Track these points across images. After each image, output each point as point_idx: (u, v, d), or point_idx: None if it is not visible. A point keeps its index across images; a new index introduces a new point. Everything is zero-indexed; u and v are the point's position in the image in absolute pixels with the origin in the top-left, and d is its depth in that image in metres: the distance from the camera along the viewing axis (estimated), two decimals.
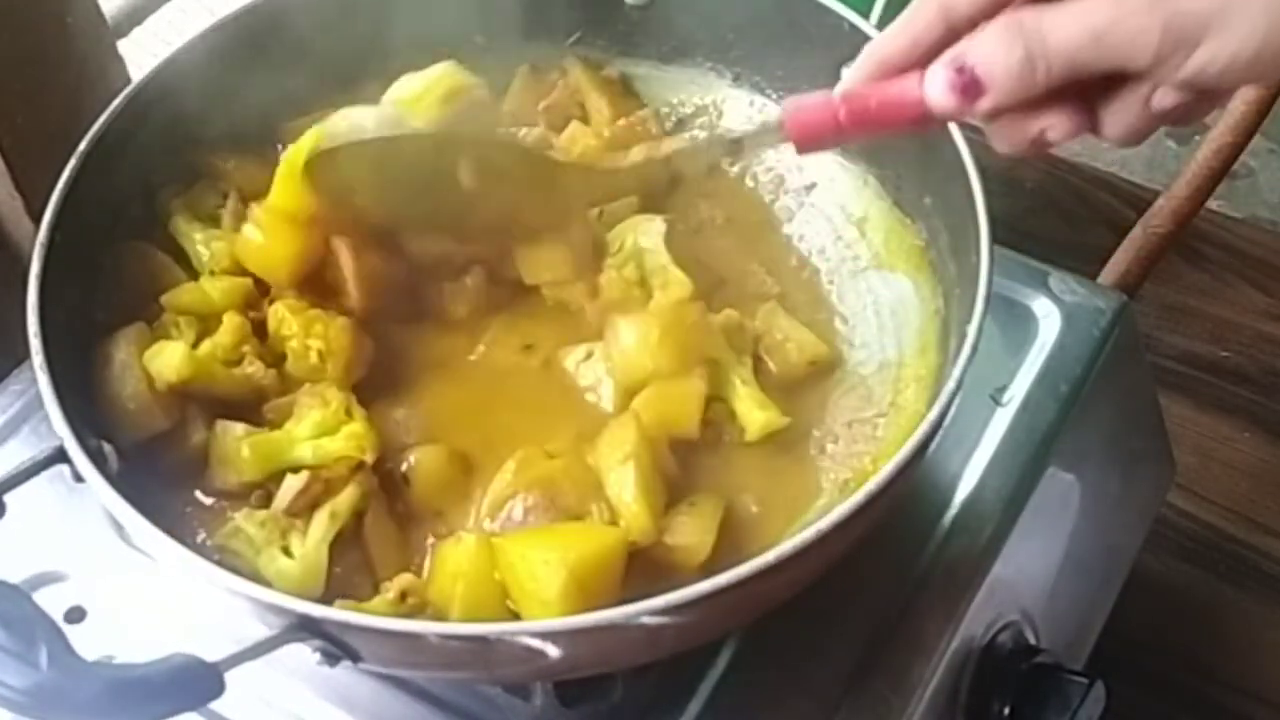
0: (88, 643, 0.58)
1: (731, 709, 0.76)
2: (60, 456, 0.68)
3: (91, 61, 1.00)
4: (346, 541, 0.73)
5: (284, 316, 0.79)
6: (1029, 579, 0.89)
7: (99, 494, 0.66)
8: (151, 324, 0.80)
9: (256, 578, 0.70)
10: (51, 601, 0.60)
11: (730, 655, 0.77)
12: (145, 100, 0.82)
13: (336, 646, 0.64)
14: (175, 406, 0.76)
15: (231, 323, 0.79)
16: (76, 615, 0.80)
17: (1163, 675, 1.13)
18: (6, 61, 0.93)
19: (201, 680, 0.58)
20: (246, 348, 0.79)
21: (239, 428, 0.75)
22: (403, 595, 0.71)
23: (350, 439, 0.74)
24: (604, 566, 0.69)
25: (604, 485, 0.73)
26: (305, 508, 0.73)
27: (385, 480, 0.76)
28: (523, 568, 0.69)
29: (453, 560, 0.71)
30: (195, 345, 0.78)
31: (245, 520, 0.72)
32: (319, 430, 0.75)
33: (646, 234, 0.83)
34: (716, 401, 0.78)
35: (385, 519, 0.75)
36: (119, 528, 0.83)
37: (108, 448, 0.71)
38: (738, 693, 0.77)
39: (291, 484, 0.73)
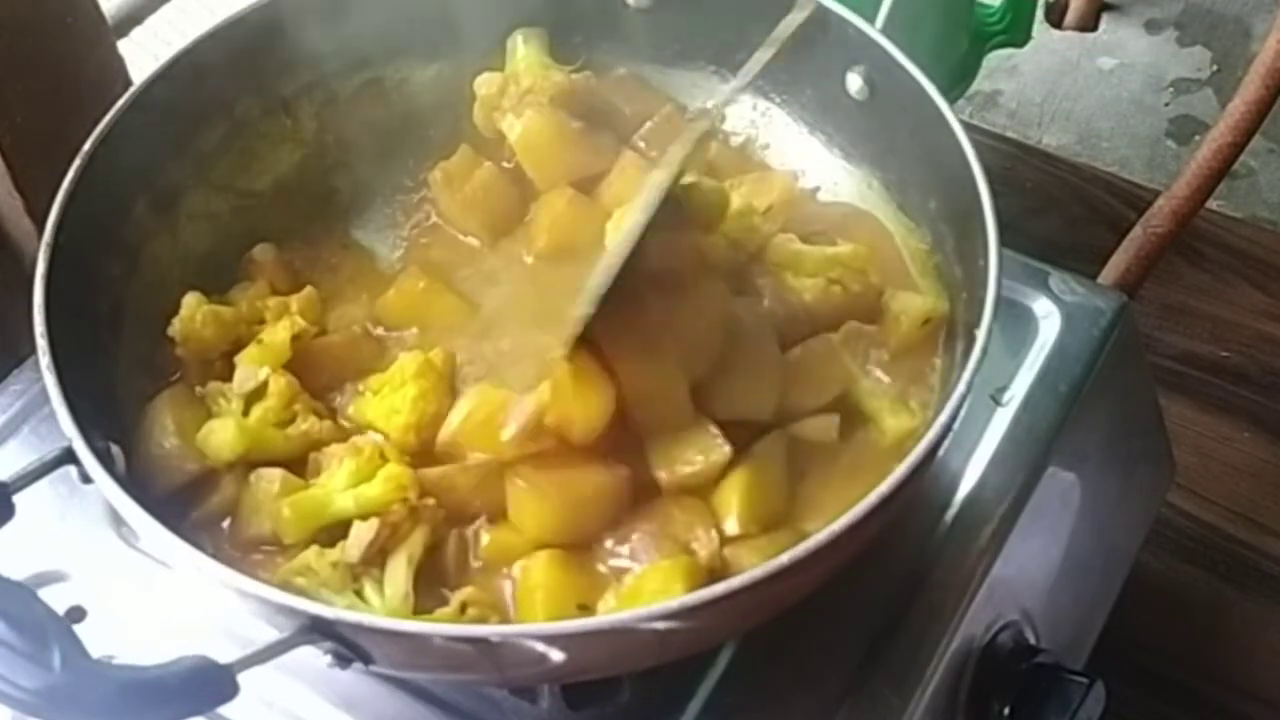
0: (88, 643, 0.58)
1: (732, 709, 0.76)
2: (68, 458, 0.67)
3: (91, 61, 1.00)
4: (420, 568, 0.73)
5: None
6: (1029, 579, 0.89)
7: (108, 495, 0.66)
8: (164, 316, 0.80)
9: None
10: (52, 601, 0.59)
11: (731, 656, 0.77)
12: (150, 99, 0.81)
13: (348, 648, 0.63)
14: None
15: (277, 385, 0.77)
16: (77, 615, 0.80)
17: (1163, 675, 1.13)
18: (6, 61, 0.93)
19: (215, 682, 0.58)
20: (297, 406, 0.78)
21: (275, 483, 0.74)
22: (463, 607, 0.70)
23: (389, 481, 0.73)
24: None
25: None
26: (376, 554, 0.72)
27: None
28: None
29: (527, 577, 0.72)
30: (245, 412, 0.77)
31: (316, 559, 0.71)
32: (356, 479, 0.73)
33: None
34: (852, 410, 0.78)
35: (460, 543, 0.74)
36: (120, 527, 0.83)
37: (115, 449, 0.71)
38: (738, 693, 0.77)
39: (362, 534, 0.71)
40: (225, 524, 0.76)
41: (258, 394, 0.78)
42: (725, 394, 0.76)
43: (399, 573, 0.71)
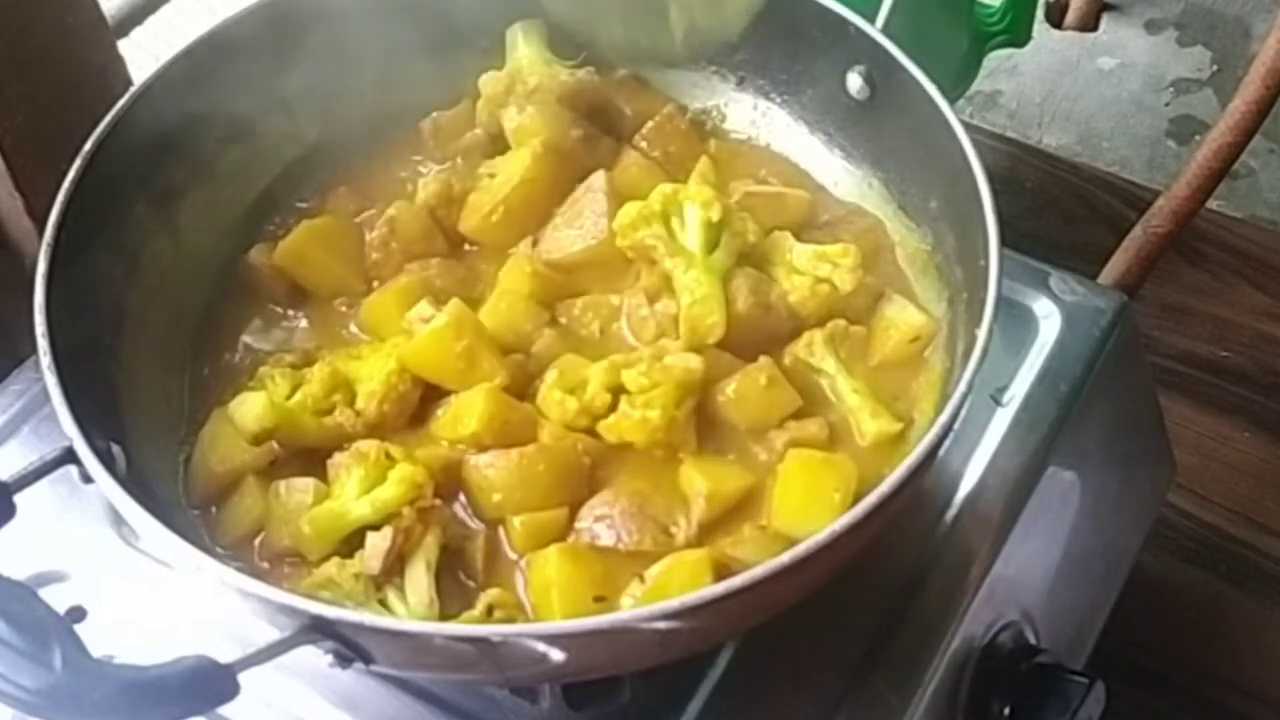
0: (88, 642, 0.58)
1: (732, 709, 0.77)
2: (68, 457, 0.67)
3: (91, 61, 1.00)
4: (448, 570, 0.73)
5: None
6: (1029, 579, 0.89)
7: (109, 495, 0.66)
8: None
9: None
10: (52, 601, 0.60)
11: (731, 656, 0.77)
12: (150, 99, 0.81)
13: (349, 648, 0.64)
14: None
15: (321, 373, 0.78)
16: (77, 615, 0.80)
17: (1163, 675, 1.13)
18: (6, 61, 0.93)
19: (216, 682, 0.58)
20: (337, 397, 0.78)
21: (309, 494, 0.74)
22: (490, 609, 0.70)
23: (402, 482, 0.72)
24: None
25: None
26: (395, 562, 0.71)
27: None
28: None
29: (540, 573, 0.72)
30: (289, 396, 0.78)
31: (337, 572, 0.71)
32: (368, 484, 0.73)
33: None
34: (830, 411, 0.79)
35: (477, 544, 0.75)
36: (120, 527, 0.83)
37: (115, 449, 0.71)
38: (738, 693, 0.77)
39: (378, 545, 0.71)
40: (257, 541, 0.76)
41: (302, 379, 0.79)
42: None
43: (420, 580, 0.71)
